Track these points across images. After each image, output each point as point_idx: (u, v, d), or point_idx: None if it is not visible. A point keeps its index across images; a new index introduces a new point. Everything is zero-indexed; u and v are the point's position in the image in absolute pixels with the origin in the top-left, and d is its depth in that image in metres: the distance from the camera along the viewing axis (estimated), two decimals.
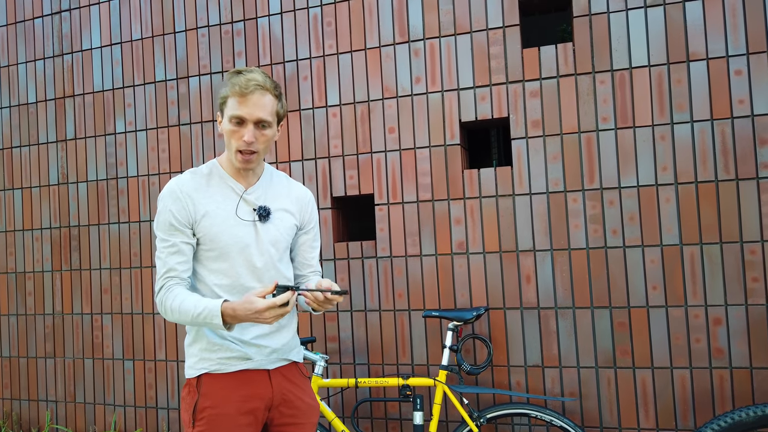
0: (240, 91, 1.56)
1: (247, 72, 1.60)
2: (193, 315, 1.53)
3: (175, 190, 1.63)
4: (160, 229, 1.63)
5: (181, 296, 1.57)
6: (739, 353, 2.31)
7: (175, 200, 1.62)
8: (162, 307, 1.61)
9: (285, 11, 2.97)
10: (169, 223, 1.61)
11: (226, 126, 1.61)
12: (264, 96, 1.59)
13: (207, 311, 1.51)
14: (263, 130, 1.61)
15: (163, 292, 1.61)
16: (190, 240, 1.62)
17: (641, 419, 2.41)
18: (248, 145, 1.59)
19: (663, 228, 2.40)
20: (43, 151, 3.48)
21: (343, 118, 2.86)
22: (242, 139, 1.59)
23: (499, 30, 2.63)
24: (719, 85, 2.37)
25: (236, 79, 1.59)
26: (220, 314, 1.50)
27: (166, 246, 1.61)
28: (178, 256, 1.61)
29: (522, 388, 2.55)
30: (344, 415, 2.80)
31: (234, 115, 1.58)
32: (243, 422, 1.59)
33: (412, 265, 2.72)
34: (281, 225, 1.72)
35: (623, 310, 2.44)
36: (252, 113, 1.58)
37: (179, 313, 1.56)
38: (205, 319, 1.51)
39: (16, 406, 3.51)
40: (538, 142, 2.56)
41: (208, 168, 1.70)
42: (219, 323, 1.50)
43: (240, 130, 1.59)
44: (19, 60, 3.56)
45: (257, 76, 1.59)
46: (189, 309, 1.54)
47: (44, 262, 3.45)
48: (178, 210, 1.61)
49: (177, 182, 1.65)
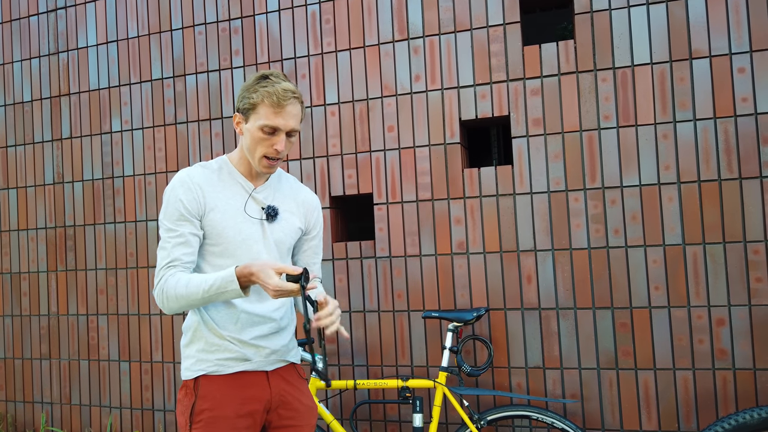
0: (278, 101, 1.54)
1: (277, 79, 1.58)
2: (204, 290, 1.49)
3: (186, 181, 1.60)
4: (168, 219, 1.58)
5: (185, 278, 1.53)
6: (742, 354, 2.29)
7: (187, 190, 1.59)
8: (163, 296, 1.55)
9: (283, 8, 2.94)
10: (179, 212, 1.58)
11: (256, 133, 1.58)
12: (297, 106, 1.59)
13: (221, 280, 1.47)
14: (291, 138, 1.62)
15: (164, 281, 1.55)
16: (197, 231, 1.59)
17: (643, 421, 2.39)
18: (278, 153, 1.59)
19: (665, 228, 2.38)
20: (38, 150, 3.45)
21: (342, 117, 2.83)
22: (273, 147, 1.58)
23: (500, 27, 2.60)
24: (722, 83, 2.34)
25: (270, 87, 1.55)
26: (236, 278, 1.46)
27: (172, 236, 1.57)
28: (184, 246, 1.57)
29: (523, 389, 2.52)
30: (343, 417, 2.77)
31: (268, 125, 1.56)
32: (241, 425, 1.57)
33: (412, 266, 2.69)
34: (287, 226, 1.70)
35: (625, 311, 2.41)
36: (287, 124, 1.57)
37: (187, 295, 1.51)
38: (219, 288, 1.47)
39: (11, 407, 3.48)
40: (539, 141, 2.54)
41: (217, 164, 1.68)
42: (236, 287, 1.46)
43: (271, 139, 1.58)
44: (14, 58, 3.53)
45: (290, 85, 1.57)
46: (199, 284, 1.49)
47: (39, 263, 3.42)
48: (189, 200, 1.58)
49: (188, 173, 1.62)
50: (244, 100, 1.60)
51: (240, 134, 1.65)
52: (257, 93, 1.56)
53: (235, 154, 1.69)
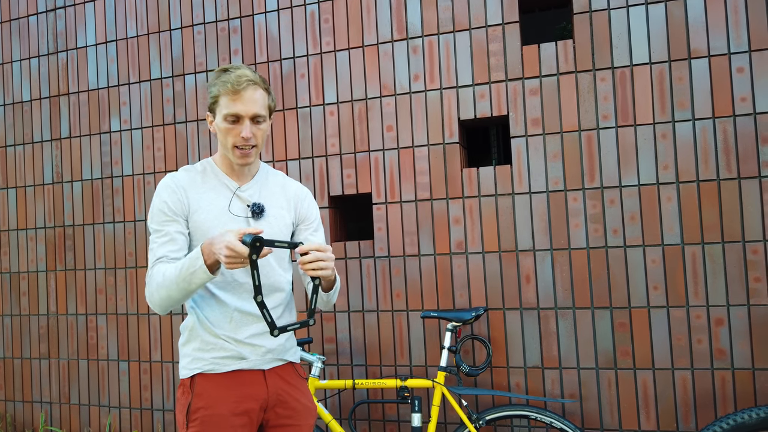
0: (233, 88, 1.57)
1: (234, 69, 1.60)
2: (176, 275, 1.48)
3: (169, 184, 1.64)
4: (154, 221, 1.61)
5: (164, 268, 1.53)
6: (741, 354, 2.29)
7: (171, 192, 1.62)
8: (149, 292, 1.55)
9: (282, 8, 2.94)
10: (163, 212, 1.60)
11: (221, 124, 1.61)
12: (256, 91, 1.60)
13: (188, 260, 1.47)
14: (259, 125, 1.63)
15: (150, 277, 1.56)
16: (183, 230, 1.61)
17: (642, 421, 2.38)
18: (246, 141, 1.60)
19: (664, 227, 2.38)
20: (37, 150, 3.44)
21: (341, 117, 2.82)
22: (240, 135, 1.59)
23: (499, 27, 2.60)
24: (721, 82, 2.34)
25: (226, 76, 1.59)
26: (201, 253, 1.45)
27: (158, 236, 1.60)
28: (170, 244, 1.59)
29: (521, 389, 2.52)
30: (342, 416, 2.77)
31: (229, 113, 1.59)
32: (237, 423, 1.57)
33: (411, 265, 2.69)
34: (275, 223, 1.70)
35: (624, 311, 2.41)
36: (248, 109, 1.59)
37: (165, 284, 1.50)
38: (189, 269, 1.46)
39: (10, 407, 3.48)
40: (537, 141, 2.53)
41: (201, 166, 1.72)
42: (201, 263, 1.44)
43: (236, 127, 1.60)
44: (13, 58, 3.52)
45: (246, 71, 1.59)
46: (172, 272, 1.49)
47: (38, 262, 3.42)
48: (173, 201, 1.61)
49: (171, 177, 1.66)
50: (209, 96, 1.63)
51: (214, 132, 1.67)
52: (216, 86, 1.60)
53: (217, 154, 1.72)
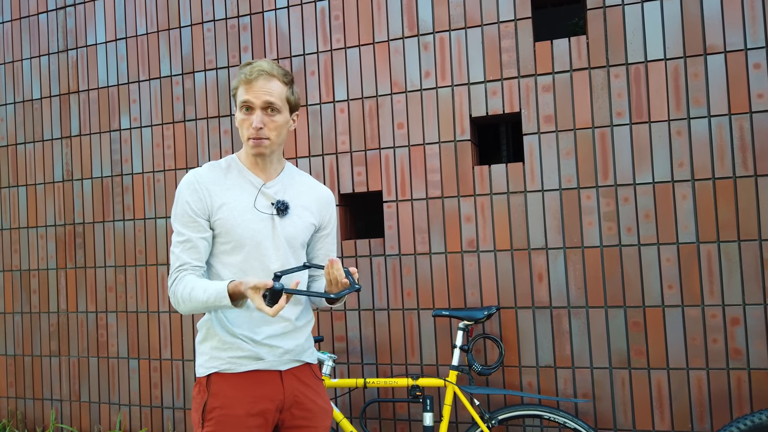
0: (246, 78, 1.59)
1: (255, 62, 1.62)
2: (202, 301, 1.51)
3: (192, 182, 1.62)
4: (178, 221, 1.61)
5: (190, 284, 1.55)
6: (757, 354, 2.26)
7: (192, 192, 1.61)
8: (174, 299, 1.59)
9: (292, 5, 2.93)
10: (186, 214, 1.60)
11: (238, 116, 1.63)
12: (270, 81, 1.59)
13: (215, 295, 1.49)
14: (273, 116, 1.61)
15: (175, 285, 1.59)
16: (205, 235, 1.61)
17: (656, 421, 2.36)
18: (257, 131, 1.59)
19: (679, 225, 2.35)
20: (47, 148, 3.45)
21: (351, 114, 2.81)
22: (252, 125, 1.59)
23: (511, 23, 2.58)
24: (737, 78, 2.31)
25: (244, 69, 1.61)
26: (228, 297, 1.47)
27: (181, 241, 1.60)
28: (193, 251, 1.59)
29: (534, 389, 2.50)
30: (352, 415, 2.76)
31: (242, 101, 1.60)
32: (252, 423, 1.56)
33: (422, 264, 2.67)
34: (299, 222, 1.69)
35: (638, 310, 2.39)
36: (258, 97, 1.58)
37: (190, 302, 1.54)
38: (215, 303, 1.50)
39: (21, 404, 3.49)
40: (550, 138, 2.51)
41: (226, 162, 1.70)
42: (228, 304, 1.48)
43: (249, 117, 1.61)
44: (23, 55, 3.53)
45: (263, 63, 1.61)
46: (199, 296, 1.52)
47: (49, 260, 3.42)
48: (195, 201, 1.60)
49: (195, 174, 1.64)
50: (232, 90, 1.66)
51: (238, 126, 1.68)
52: (236, 78, 1.63)
53: (242, 150, 1.71)
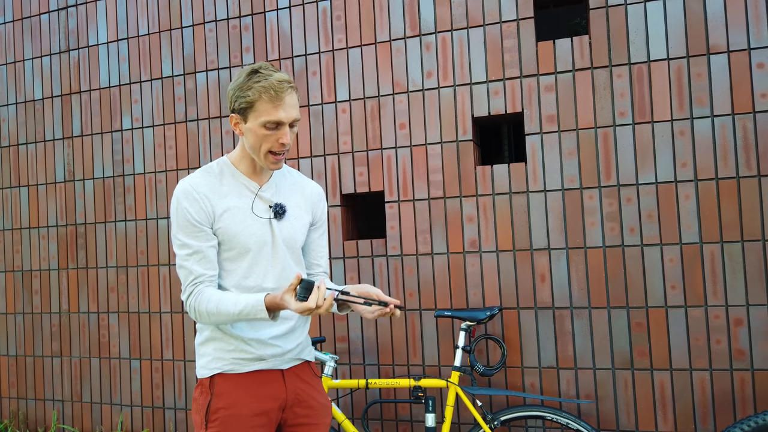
0: (276, 95, 1.50)
1: (267, 71, 1.53)
2: (234, 314, 1.51)
3: (190, 192, 1.56)
4: (181, 232, 1.56)
5: (215, 297, 1.53)
6: (761, 355, 2.25)
7: (193, 202, 1.56)
8: (195, 313, 1.57)
9: (293, 5, 2.92)
10: (189, 223, 1.55)
11: (259, 131, 1.54)
12: (293, 95, 1.55)
13: (250, 307, 1.49)
14: (293, 128, 1.59)
15: (193, 298, 1.56)
16: (213, 243, 1.58)
17: (659, 422, 2.35)
18: (284, 147, 1.56)
19: (682, 226, 2.34)
20: (49, 148, 3.45)
21: (353, 114, 2.80)
22: (279, 141, 1.54)
23: (513, 23, 2.57)
24: (741, 78, 2.30)
25: (264, 82, 1.50)
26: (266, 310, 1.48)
27: (190, 253, 1.55)
28: (204, 261, 1.56)
29: (536, 389, 2.50)
30: (354, 416, 2.75)
31: (271, 121, 1.52)
32: (257, 423, 1.56)
33: (424, 264, 2.66)
34: (296, 223, 1.68)
35: (641, 310, 2.38)
36: (290, 115, 1.53)
37: (217, 315, 1.53)
38: (249, 315, 1.49)
39: (22, 405, 3.49)
40: (553, 138, 2.50)
41: (218, 167, 1.65)
42: (265, 317, 1.48)
43: (275, 133, 1.54)
44: (25, 56, 3.53)
45: (283, 75, 1.53)
46: (229, 309, 1.51)
47: (50, 261, 3.42)
48: (197, 211, 1.56)
49: (190, 183, 1.58)
50: (239, 99, 1.54)
51: (240, 135, 1.60)
52: (252, 90, 1.51)
53: (235, 153, 1.65)
